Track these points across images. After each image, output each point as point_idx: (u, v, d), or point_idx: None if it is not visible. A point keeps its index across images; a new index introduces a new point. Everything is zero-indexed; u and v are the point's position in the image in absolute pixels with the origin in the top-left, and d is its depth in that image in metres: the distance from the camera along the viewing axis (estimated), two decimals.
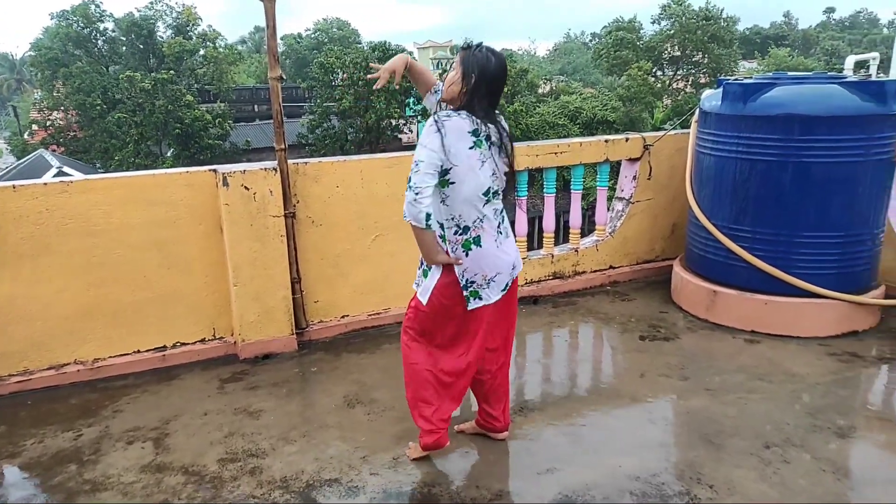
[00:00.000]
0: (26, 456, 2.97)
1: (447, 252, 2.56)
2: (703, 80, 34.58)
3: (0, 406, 3.41)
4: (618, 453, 2.87)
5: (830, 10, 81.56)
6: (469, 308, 2.62)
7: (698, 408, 3.26)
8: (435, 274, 2.60)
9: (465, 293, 2.60)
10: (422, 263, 2.67)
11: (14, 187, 3.45)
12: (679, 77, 37.22)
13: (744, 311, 4.15)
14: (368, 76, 2.68)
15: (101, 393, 3.54)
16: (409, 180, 2.39)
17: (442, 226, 2.54)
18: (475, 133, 2.48)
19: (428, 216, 2.40)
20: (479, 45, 2.53)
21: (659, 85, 34.03)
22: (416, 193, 2.37)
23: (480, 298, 2.62)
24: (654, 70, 34.74)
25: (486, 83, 2.49)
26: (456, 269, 2.58)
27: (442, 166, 2.42)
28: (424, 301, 2.63)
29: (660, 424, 3.13)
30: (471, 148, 2.46)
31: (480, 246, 2.55)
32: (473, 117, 2.48)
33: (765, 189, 4.00)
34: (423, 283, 2.65)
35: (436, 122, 2.43)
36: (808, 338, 3.99)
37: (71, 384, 3.63)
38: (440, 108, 2.67)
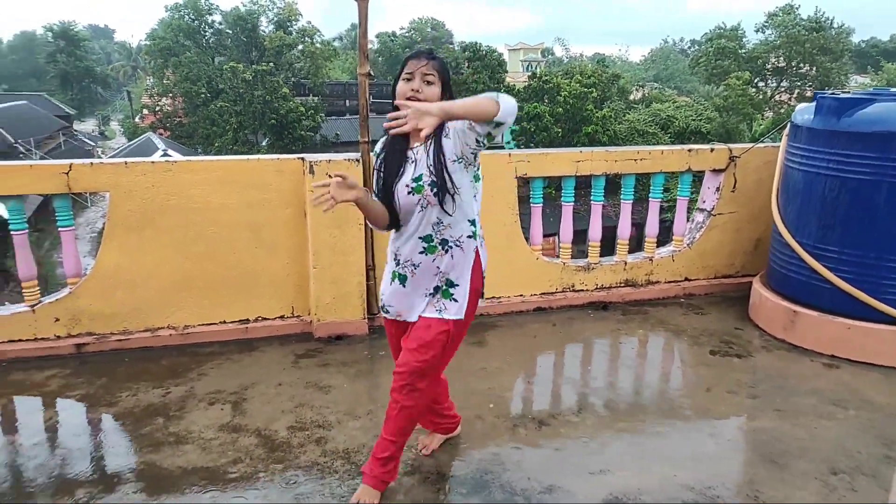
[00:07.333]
0: (121, 406, 3.28)
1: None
2: (808, 94, 32.81)
3: (102, 360, 3.77)
4: (673, 463, 2.85)
5: None
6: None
7: (764, 427, 3.18)
8: (465, 275, 2.43)
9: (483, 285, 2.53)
10: (434, 291, 2.43)
11: (126, 164, 3.80)
12: (783, 89, 35.48)
13: (825, 333, 3.98)
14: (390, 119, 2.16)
15: (189, 357, 3.85)
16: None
17: (474, 222, 2.44)
18: None
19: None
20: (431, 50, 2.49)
21: (760, 96, 32.55)
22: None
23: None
24: (755, 81, 33.25)
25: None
26: (482, 258, 2.50)
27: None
28: (463, 314, 2.43)
29: (721, 439, 3.08)
30: None
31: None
32: None
33: (855, 208, 3.83)
34: (455, 300, 2.42)
35: None
36: (892, 367, 3.79)
37: (163, 347, 3.95)
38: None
